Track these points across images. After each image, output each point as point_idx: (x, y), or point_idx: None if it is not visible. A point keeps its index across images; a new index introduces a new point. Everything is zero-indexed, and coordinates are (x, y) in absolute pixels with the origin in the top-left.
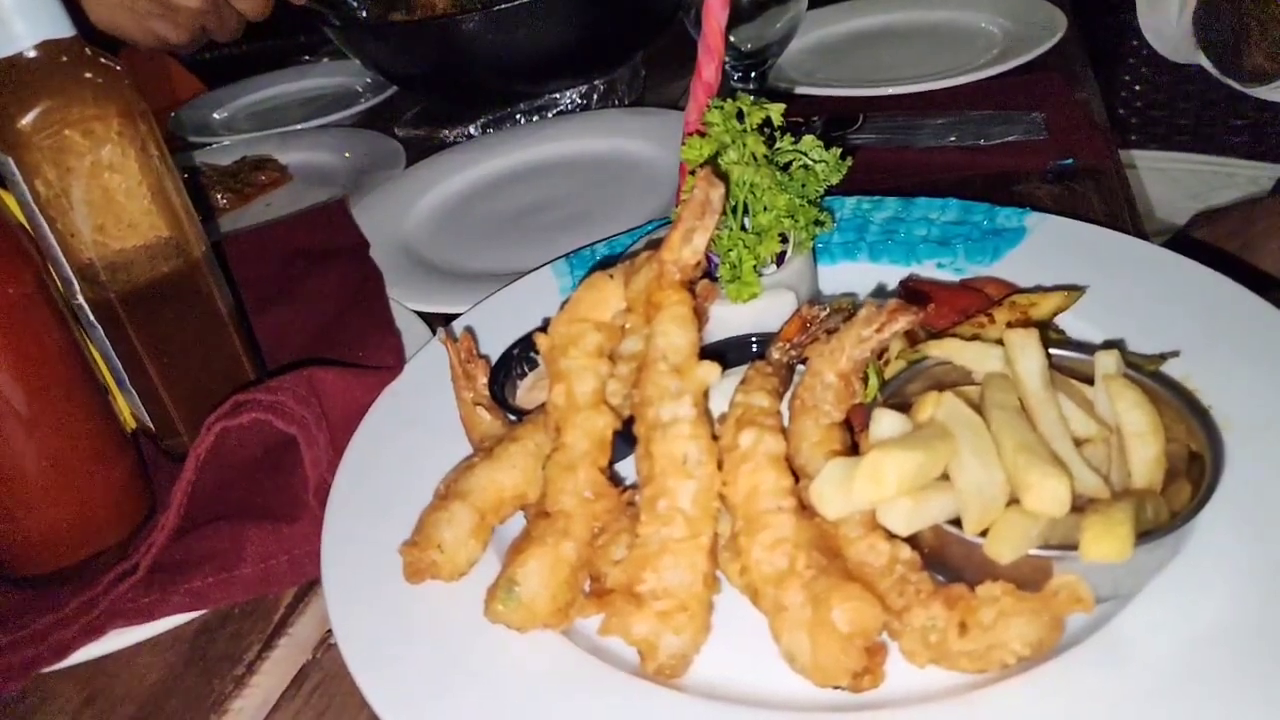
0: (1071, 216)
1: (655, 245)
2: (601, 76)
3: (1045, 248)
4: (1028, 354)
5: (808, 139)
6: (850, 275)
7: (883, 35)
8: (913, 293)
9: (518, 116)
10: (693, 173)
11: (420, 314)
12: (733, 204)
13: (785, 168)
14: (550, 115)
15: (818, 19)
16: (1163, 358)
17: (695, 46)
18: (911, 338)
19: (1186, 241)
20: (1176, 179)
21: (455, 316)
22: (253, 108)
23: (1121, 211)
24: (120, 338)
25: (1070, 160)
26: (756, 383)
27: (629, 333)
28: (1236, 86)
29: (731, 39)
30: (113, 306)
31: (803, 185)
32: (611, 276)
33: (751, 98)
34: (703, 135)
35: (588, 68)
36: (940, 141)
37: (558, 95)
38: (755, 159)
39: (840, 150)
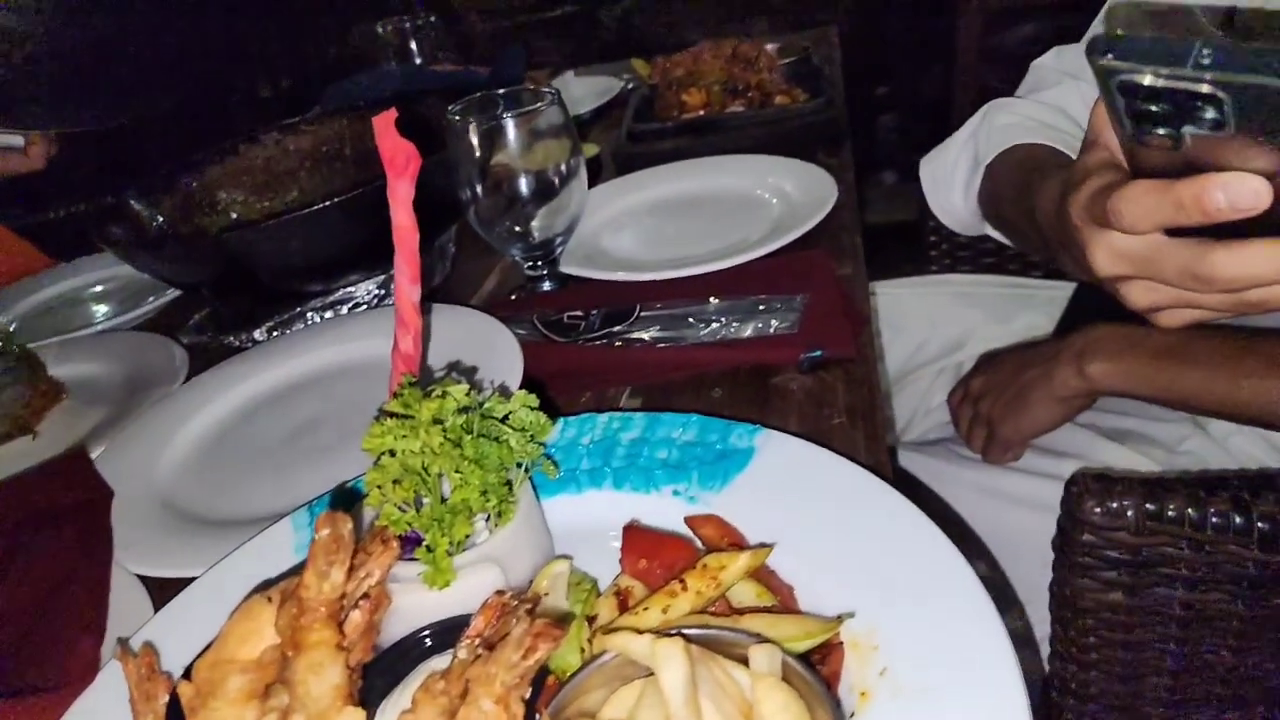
0: (814, 416)
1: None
2: None
3: (769, 471)
4: (670, 668)
5: (519, 396)
6: (596, 505)
7: (675, 207)
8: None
9: (309, 315)
10: (380, 456)
11: (153, 580)
12: (428, 483)
13: (502, 419)
14: (345, 310)
15: (613, 191)
16: (840, 620)
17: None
18: (623, 602)
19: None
20: (982, 302)
21: (191, 580)
22: (42, 307)
23: (866, 405)
24: None
25: (819, 352)
26: (422, 709)
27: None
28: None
29: (518, 229)
30: None
31: (500, 459)
32: (270, 599)
33: (423, 392)
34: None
35: (382, 261)
36: (703, 336)
37: (352, 288)
38: (434, 449)
39: (544, 415)
